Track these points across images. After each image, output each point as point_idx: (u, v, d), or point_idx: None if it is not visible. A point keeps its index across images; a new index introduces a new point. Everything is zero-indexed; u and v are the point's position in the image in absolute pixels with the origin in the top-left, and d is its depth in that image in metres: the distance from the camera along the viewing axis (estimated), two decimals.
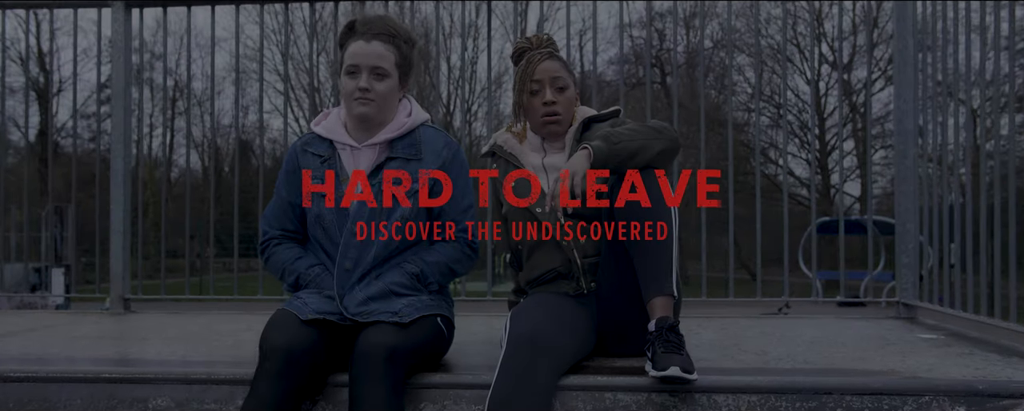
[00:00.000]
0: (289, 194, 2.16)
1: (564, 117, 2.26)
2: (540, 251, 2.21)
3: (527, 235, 2.22)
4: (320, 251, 2.13)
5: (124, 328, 2.98)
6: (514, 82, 2.30)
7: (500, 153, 2.34)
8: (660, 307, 1.92)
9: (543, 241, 2.20)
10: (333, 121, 2.17)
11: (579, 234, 2.16)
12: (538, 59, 2.25)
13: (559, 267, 2.18)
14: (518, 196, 2.22)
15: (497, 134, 2.42)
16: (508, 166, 2.30)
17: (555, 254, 2.19)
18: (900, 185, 3.25)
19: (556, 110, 2.24)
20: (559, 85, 2.25)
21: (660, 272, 1.95)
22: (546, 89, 2.23)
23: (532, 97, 2.25)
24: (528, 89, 2.25)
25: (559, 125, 2.26)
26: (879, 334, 2.74)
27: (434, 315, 2.03)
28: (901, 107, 3.23)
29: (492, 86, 3.94)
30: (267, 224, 2.21)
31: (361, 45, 2.07)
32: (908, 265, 3.25)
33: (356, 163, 2.12)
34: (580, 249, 2.16)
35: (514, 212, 2.23)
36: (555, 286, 2.20)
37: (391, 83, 2.09)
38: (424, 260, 2.10)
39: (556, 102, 2.23)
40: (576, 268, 2.16)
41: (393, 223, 2.06)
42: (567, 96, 2.26)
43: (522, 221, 2.22)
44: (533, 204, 2.19)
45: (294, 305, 1.97)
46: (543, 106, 2.23)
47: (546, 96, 2.22)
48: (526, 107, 2.27)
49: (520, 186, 2.23)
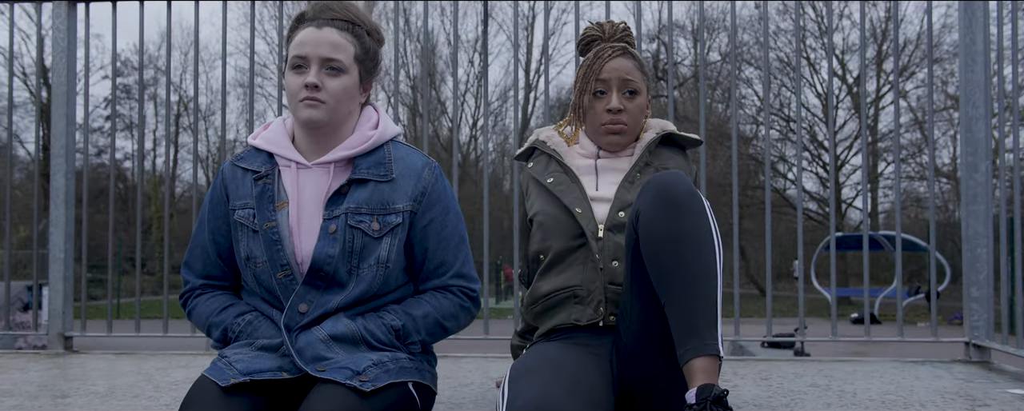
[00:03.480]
0: (214, 230, 1.68)
1: (631, 127, 1.83)
2: (562, 264, 1.76)
3: (556, 240, 1.77)
4: (260, 302, 1.65)
5: (49, 378, 2.50)
6: (576, 77, 1.86)
7: (542, 149, 1.90)
8: (701, 371, 1.41)
9: (572, 251, 1.75)
10: (276, 131, 1.69)
11: (614, 255, 1.72)
12: (609, 55, 1.81)
13: (577, 287, 1.73)
14: (557, 192, 1.79)
15: (540, 129, 1.97)
16: (550, 162, 1.87)
17: (578, 271, 1.74)
18: (969, 204, 2.76)
19: (622, 120, 1.81)
20: (630, 88, 1.81)
21: (700, 322, 1.45)
22: (613, 93, 1.80)
23: (595, 99, 1.82)
24: (592, 89, 1.82)
25: (623, 136, 1.83)
26: (959, 388, 2.25)
27: (405, 382, 1.54)
28: (970, 113, 2.74)
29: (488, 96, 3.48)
30: (188, 270, 1.72)
31: (310, 32, 1.59)
32: (979, 299, 2.76)
33: (301, 186, 1.63)
34: (609, 272, 1.71)
35: (546, 211, 1.79)
36: (565, 312, 1.74)
37: (348, 81, 1.61)
38: (409, 313, 1.62)
39: (623, 110, 1.80)
40: (598, 292, 1.70)
41: (363, 269, 1.59)
42: (637, 103, 1.83)
43: (553, 222, 1.77)
44: (572, 203, 1.76)
45: (215, 369, 1.49)
46: (607, 113, 1.80)
47: (612, 102, 1.80)
48: (586, 110, 1.84)
49: (560, 181, 1.81)
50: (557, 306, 1.76)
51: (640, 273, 1.56)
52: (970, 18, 2.75)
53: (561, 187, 1.81)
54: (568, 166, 1.85)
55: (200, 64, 3.28)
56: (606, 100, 1.81)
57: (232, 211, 1.65)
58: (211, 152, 24.10)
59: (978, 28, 2.75)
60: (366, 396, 1.44)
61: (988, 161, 2.73)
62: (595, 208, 1.78)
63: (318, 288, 1.58)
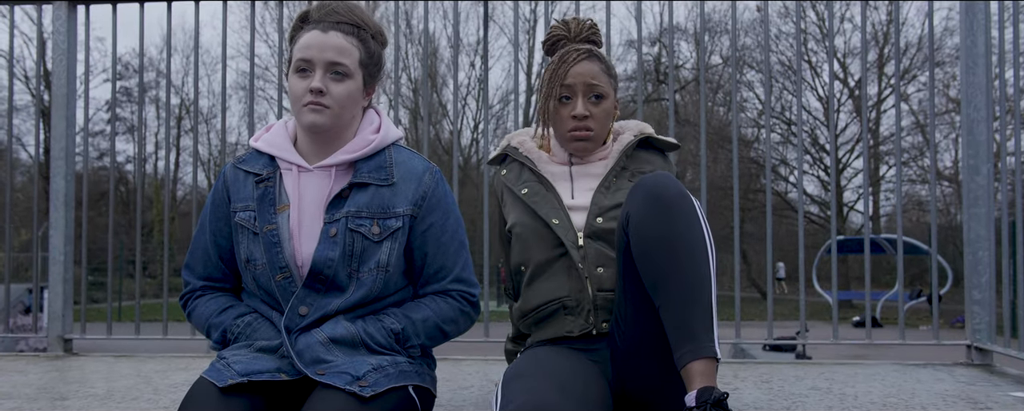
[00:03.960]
0: (215, 232, 1.68)
1: (597, 133, 1.80)
2: (545, 276, 1.74)
3: (535, 252, 1.74)
4: (260, 304, 1.65)
5: (48, 380, 2.49)
6: (541, 80, 1.84)
7: (514, 155, 1.88)
8: (700, 374, 1.40)
9: (553, 261, 1.73)
10: (278, 133, 1.69)
11: (597, 262, 1.70)
12: (573, 59, 1.78)
13: (565, 298, 1.70)
14: (531, 203, 1.76)
15: (512, 134, 1.96)
16: (523, 170, 1.84)
17: (562, 281, 1.71)
18: (970, 207, 2.75)
19: (588, 126, 1.78)
20: (596, 93, 1.78)
21: (696, 325, 1.44)
22: (578, 99, 1.77)
23: (561, 105, 1.79)
24: (557, 94, 1.78)
25: (589, 142, 1.81)
26: (961, 391, 2.24)
27: (405, 386, 1.54)
28: (971, 116, 2.74)
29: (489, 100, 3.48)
30: (188, 271, 1.72)
31: (315, 35, 1.59)
32: (981, 302, 2.75)
33: (302, 189, 1.63)
34: (595, 280, 1.69)
35: (523, 223, 1.77)
36: (557, 324, 1.72)
37: (352, 86, 1.60)
38: (409, 317, 1.62)
39: (589, 116, 1.77)
40: (586, 300, 1.68)
41: (363, 273, 1.59)
42: (604, 108, 1.80)
43: (531, 234, 1.75)
44: (549, 214, 1.74)
45: (214, 370, 1.49)
46: (572, 119, 1.78)
47: (577, 108, 1.77)
48: (552, 115, 1.82)
49: (535, 192, 1.78)
50: (548, 318, 1.75)
51: (632, 276, 1.55)
52: (972, 20, 2.74)
53: (536, 198, 1.78)
54: (541, 174, 1.82)
55: (200, 67, 3.28)
56: (571, 106, 1.79)
57: (233, 213, 1.65)
58: (212, 155, 24.11)
59: (979, 30, 2.74)
60: (366, 401, 1.43)
61: (989, 164, 2.73)
62: (573, 217, 1.76)
63: (318, 291, 1.58)
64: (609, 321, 1.68)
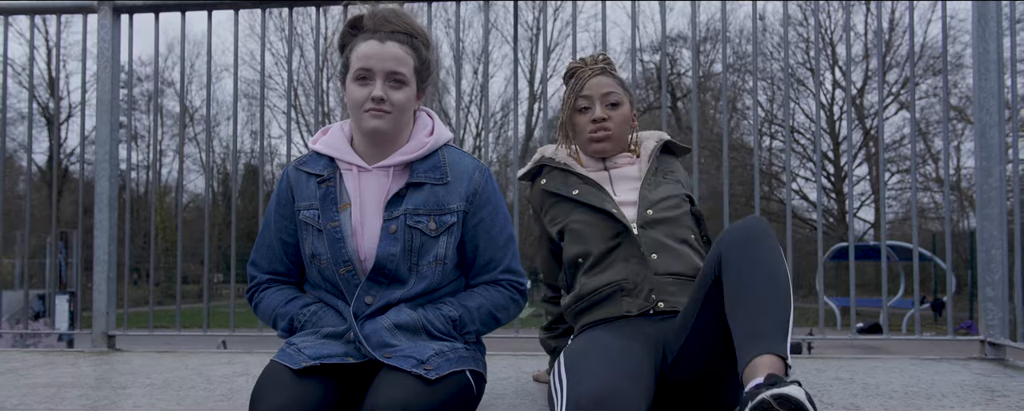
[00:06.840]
0: (280, 230, 1.80)
1: (616, 134, 1.98)
2: (603, 264, 1.88)
3: (593, 244, 1.89)
4: (325, 294, 1.76)
5: (103, 372, 2.60)
6: (562, 103, 2.02)
7: (552, 164, 2.03)
8: (767, 365, 1.38)
9: (611, 251, 1.87)
10: (336, 136, 1.81)
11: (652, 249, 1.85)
12: (589, 75, 1.98)
13: (623, 281, 1.84)
14: (586, 200, 1.92)
15: (544, 148, 2.12)
16: (566, 176, 2.00)
17: (620, 268, 1.86)
18: (983, 208, 2.86)
19: (606, 126, 1.96)
20: (611, 101, 1.98)
21: (772, 327, 1.43)
22: (596, 105, 1.97)
23: (580, 114, 1.99)
24: (576, 106, 1.98)
25: (609, 142, 1.97)
26: (977, 382, 2.34)
27: (464, 370, 1.65)
28: (983, 120, 2.85)
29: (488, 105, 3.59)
30: (254, 267, 1.85)
31: (374, 45, 1.70)
32: (994, 299, 2.86)
33: (362, 188, 1.74)
34: (652, 264, 1.84)
35: (580, 218, 1.92)
36: (614, 305, 1.84)
37: (409, 92, 1.73)
38: (464, 305, 1.74)
39: (607, 118, 1.96)
40: (647, 282, 1.81)
41: (423, 266, 1.71)
42: (621, 113, 1.98)
43: (588, 228, 1.90)
44: (607, 205, 1.90)
45: (285, 355, 1.60)
46: (591, 123, 1.96)
47: (595, 112, 1.95)
48: (573, 126, 2.00)
49: (587, 191, 1.95)
50: (606, 299, 1.86)
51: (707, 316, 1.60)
52: (984, 26, 2.86)
53: (589, 196, 1.93)
54: (586, 176, 1.98)
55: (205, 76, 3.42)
56: (590, 113, 1.97)
57: (298, 211, 1.76)
58: (216, 162, 24.22)
59: (991, 36, 2.86)
60: (431, 383, 1.55)
61: (1002, 166, 2.83)
62: (624, 210, 1.91)
63: (381, 284, 1.70)
64: (666, 301, 1.81)
